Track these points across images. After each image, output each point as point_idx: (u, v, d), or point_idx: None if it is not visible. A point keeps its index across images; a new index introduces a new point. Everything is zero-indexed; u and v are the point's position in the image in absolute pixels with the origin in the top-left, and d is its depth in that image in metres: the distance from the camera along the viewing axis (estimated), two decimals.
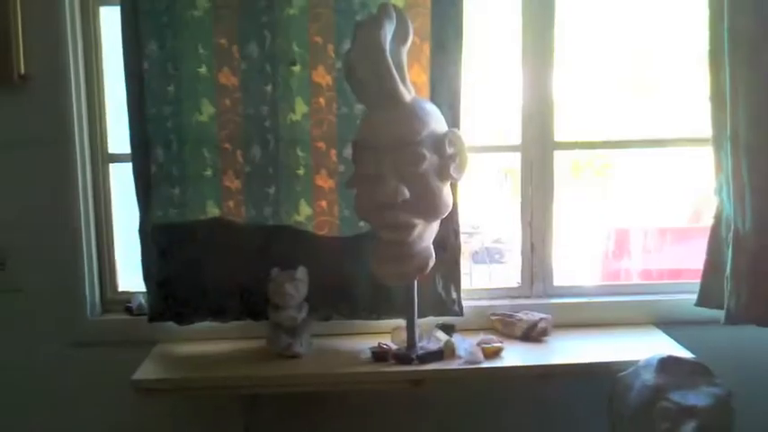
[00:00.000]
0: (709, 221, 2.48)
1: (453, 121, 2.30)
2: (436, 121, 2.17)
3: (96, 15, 2.45)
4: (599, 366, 2.24)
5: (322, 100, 2.34)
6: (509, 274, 5.45)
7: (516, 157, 2.57)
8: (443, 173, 2.15)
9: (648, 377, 2.07)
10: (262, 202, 2.37)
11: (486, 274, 6.10)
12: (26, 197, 2.41)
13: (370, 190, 2.13)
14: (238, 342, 2.41)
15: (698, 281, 2.46)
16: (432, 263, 2.22)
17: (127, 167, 2.38)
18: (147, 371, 2.24)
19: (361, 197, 2.19)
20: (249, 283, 2.35)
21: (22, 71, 2.34)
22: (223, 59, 2.32)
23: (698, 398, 2.01)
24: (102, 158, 2.49)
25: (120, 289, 2.56)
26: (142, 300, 2.47)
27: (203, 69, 2.32)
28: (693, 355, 2.22)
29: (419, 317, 2.30)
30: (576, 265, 4.41)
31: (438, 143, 2.14)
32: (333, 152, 2.36)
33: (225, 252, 2.36)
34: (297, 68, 2.32)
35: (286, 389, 2.26)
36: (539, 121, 2.52)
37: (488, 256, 6.41)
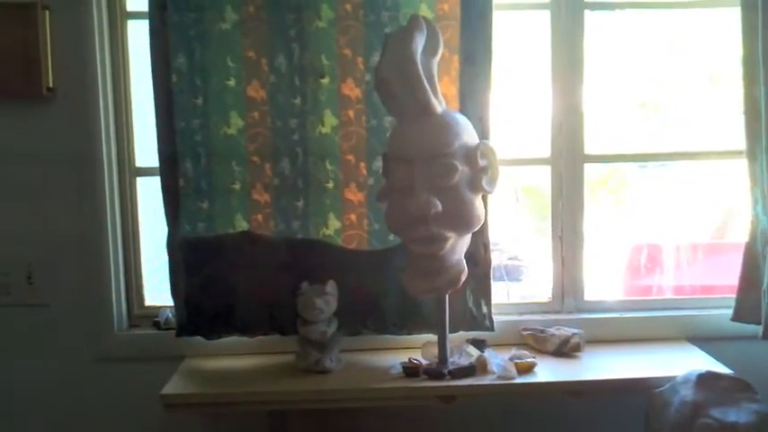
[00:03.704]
0: (735, 237, 2.45)
1: (483, 133, 2.27)
2: (468, 133, 2.15)
3: (124, 29, 2.44)
4: (634, 382, 2.20)
5: (351, 113, 2.32)
6: (526, 291, 5.41)
7: (534, 173, 2.55)
8: (475, 185, 2.13)
9: (687, 393, 2.03)
10: (290, 216, 2.35)
11: (505, 292, 6.06)
12: (53, 211, 2.39)
13: (401, 203, 2.11)
14: (267, 357, 2.38)
15: (731, 295, 2.43)
16: (464, 277, 2.19)
17: (155, 181, 2.36)
18: (175, 386, 2.21)
19: (392, 210, 2.16)
20: (278, 297, 2.33)
21: (51, 85, 2.33)
22: (252, 72, 2.31)
23: (739, 414, 1.96)
24: (129, 172, 2.47)
25: (148, 303, 2.53)
26: (170, 314, 2.45)
27: (232, 82, 2.31)
28: (731, 371, 2.18)
29: (449, 332, 2.26)
30: (603, 281, 4.37)
31: (470, 155, 2.12)
32: (362, 165, 2.34)
33: (253, 266, 2.33)
34: (326, 81, 2.31)
35: (315, 404, 2.23)
36: (568, 133, 2.49)
37: (507, 273, 6.36)
